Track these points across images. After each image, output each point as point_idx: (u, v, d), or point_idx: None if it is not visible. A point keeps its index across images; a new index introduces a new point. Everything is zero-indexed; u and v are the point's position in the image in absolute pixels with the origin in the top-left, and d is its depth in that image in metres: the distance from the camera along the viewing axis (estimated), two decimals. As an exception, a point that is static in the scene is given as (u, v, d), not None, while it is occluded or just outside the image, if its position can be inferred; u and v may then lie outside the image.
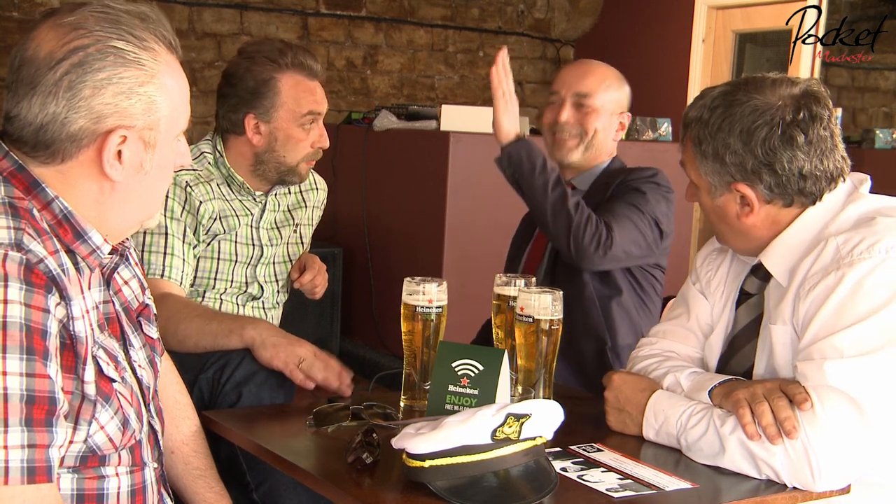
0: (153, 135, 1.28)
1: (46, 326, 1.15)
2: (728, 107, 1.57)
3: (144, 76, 1.25)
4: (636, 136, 4.84)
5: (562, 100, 2.39)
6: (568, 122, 2.37)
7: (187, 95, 1.34)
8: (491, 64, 2.23)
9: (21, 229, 1.18)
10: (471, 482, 1.30)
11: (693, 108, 1.63)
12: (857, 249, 1.48)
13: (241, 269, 2.26)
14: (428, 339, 1.74)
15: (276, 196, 2.33)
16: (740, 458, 1.46)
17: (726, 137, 1.56)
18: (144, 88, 1.25)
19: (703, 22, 5.66)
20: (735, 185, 1.59)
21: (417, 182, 4.48)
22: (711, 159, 1.59)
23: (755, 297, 1.66)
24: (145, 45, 1.26)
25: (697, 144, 1.60)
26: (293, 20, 5.87)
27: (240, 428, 1.64)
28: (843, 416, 1.42)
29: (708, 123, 1.58)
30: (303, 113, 2.21)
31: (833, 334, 1.46)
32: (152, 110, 1.26)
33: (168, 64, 1.29)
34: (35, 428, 1.12)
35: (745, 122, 1.55)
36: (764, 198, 1.58)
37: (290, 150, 2.23)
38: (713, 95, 1.61)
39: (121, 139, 1.25)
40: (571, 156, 2.39)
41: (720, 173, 1.59)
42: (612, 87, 2.40)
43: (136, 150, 1.27)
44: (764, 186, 1.57)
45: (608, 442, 1.59)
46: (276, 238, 2.33)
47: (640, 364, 1.74)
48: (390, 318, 2.54)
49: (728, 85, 1.61)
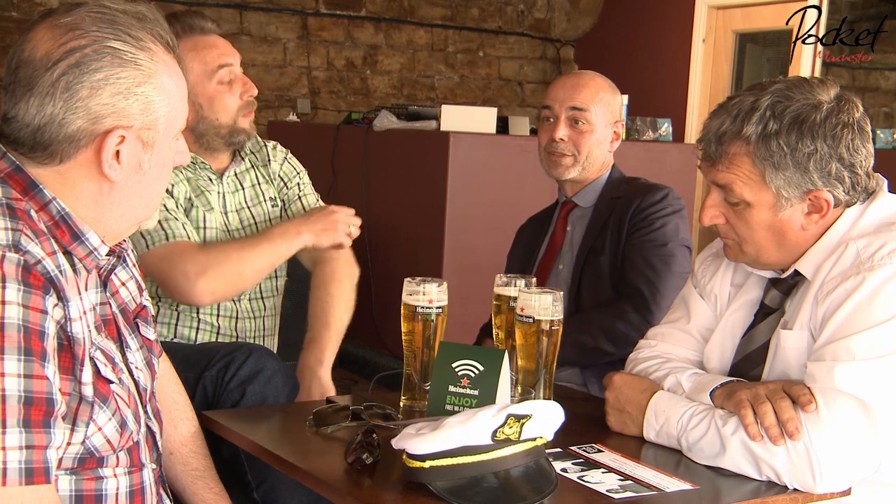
0: (151, 135, 1.27)
1: (44, 328, 1.14)
2: (797, 112, 1.51)
3: (142, 76, 1.25)
4: (636, 136, 4.84)
5: (556, 115, 2.36)
6: (563, 141, 2.35)
7: (185, 94, 1.33)
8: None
9: (19, 230, 1.17)
10: (471, 483, 1.30)
11: (744, 123, 1.53)
12: (879, 255, 1.47)
13: None
14: (428, 340, 1.74)
15: (234, 175, 2.27)
16: (741, 459, 1.46)
17: (810, 144, 1.51)
18: (142, 88, 1.25)
19: (703, 22, 5.66)
20: (813, 192, 1.53)
21: (417, 182, 4.48)
22: (792, 169, 1.52)
23: (777, 312, 1.62)
24: (142, 44, 1.25)
25: (767, 158, 1.52)
26: (293, 20, 5.87)
27: (240, 428, 1.64)
28: (847, 419, 1.41)
29: (780, 134, 1.51)
30: (213, 69, 2.16)
31: (847, 337, 1.45)
32: (150, 110, 1.26)
33: (166, 63, 1.29)
34: (33, 429, 1.12)
35: (827, 127, 1.51)
36: (841, 201, 1.54)
37: (220, 109, 2.19)
38: (765, 107, 1.52)
39: (119, 139, 1.24)
40: (568, 174, 2.38)
41: (799, 183, 1.53)
42: (605, 99, 2.37)
43: (135, 151, 1.27)
44: (843, 189, 1.54)
45: (608, 443, 1.59)
46: (247, 219, 2.28)
47: (640, 366, 1.73)
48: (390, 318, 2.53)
49: (769, 93, 1.54)
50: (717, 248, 1.80)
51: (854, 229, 1.55)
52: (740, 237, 1.60)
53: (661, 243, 2.28)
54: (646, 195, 2.33)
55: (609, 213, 2.35)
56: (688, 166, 4.77)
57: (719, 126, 1.57)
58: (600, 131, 2.36)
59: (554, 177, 2.42)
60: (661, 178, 2.56)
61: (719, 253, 1.77)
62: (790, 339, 1.56)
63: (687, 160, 4.77)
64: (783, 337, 1.57)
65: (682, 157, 4.78)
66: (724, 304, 1.73)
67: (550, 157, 2.38)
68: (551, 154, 2.37)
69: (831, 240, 1.56)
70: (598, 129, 2.36)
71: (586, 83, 2.38)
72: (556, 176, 2.41)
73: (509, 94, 6.51)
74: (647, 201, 2.32)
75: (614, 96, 2.40)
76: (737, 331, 1.68)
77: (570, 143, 2.35)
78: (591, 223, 2.38)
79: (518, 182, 4.16)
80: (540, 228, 2.53)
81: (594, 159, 2.37)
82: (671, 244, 2.29)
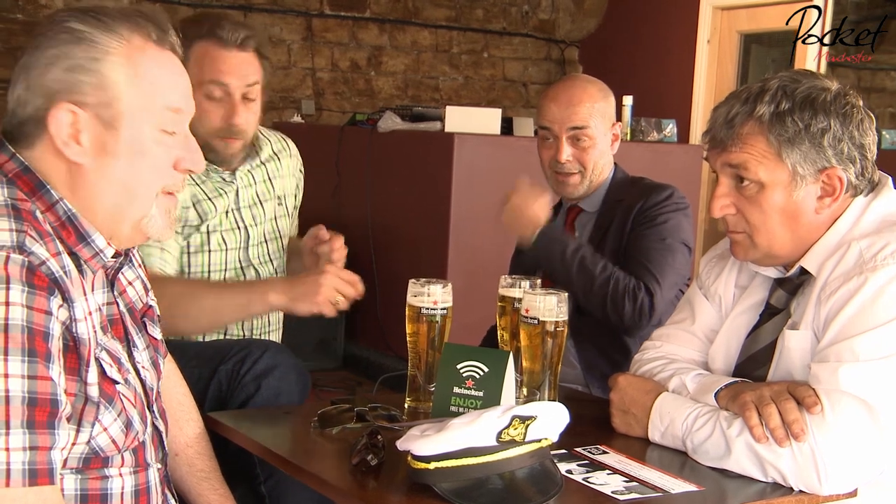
0: (111, 114, 1.25)
1: (49, 329, 1.14)
2: (808, 92, 1.52)
3: (97, 52, 1.24)
4: (641, 137, 4.83)
5: (556, 136, 2.34)
6: (568, 161, 2.34)
7: (180, 89, 1.31)
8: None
9: (23, 231, 1.18)
10: (476, 484, 1.30)
11: (756, 104, 1.53)
12: (881, 255, 1.47)
13: (234, 255, 2.23)
14: (433, 341, 1.74)
15: (248, 171, 2.26)
16: (746, 461, 1.45)
17: (823, 120, 1.51)
18: (97, 65, 1.24)
19: (707, 22, 5.65)
20: (828, 170, 1.53)
21: (422, 183, 4.47)
22: (808, 144, 1.51)
23: (783, 312, 1.62)
24: (109, 28, 1.25)
25: (782, 134, 1.52)
26: (297, 21, 5.88)
27: (245, 429, 1.64)
28: (852, 421, 1.41)
29: (794, 111, 1.51)
30: (204, 80, 2.10)
31: (851, 338, 1.45)
32: (106, 87, 1.24)
33: (141, 50, 1.27)
34: (37, 430, 1.12)
35: (837, 105, 1.52)
36: (851, 184, 1.54)
37: (198, 123, 2.13)
38: (775, 88, 1.53)
39: (71, 115, 1.24)
40: (577, 191, 2.38)
41: (815, 160, 1.52)
42: (601, 108, 2.35)
43: (96, 131, 1.25)
44: (854, 172, 1.54)
45: (613, 444, 1.59)
46: (259, 215, 2.28)
47: (644, 367, 1.73)
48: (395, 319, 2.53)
49: (776, 79, 1.55)
50: (721, 249, 1.79)
51: (858, 226, 1.55)
52: (752, 227, 1.58)
53: (660, 238, 2.27)
54: (650, 195, 2.33)
55: (613, 216, 2.35)
56: (693, 167, 4.76)
57: (728, 111, 1.56)
58: (601, 141, 2.36)
59: (564, 196, 2.42)
60: (665, 179, 2.55)
61: (724, 254, 1.77)
62: (795, 339, 1.55)
63: (692, 161, 4.76)
64: (788, 337, 1.56)
65: (687, 158, 4.77)
66: (729, 306, 1.72)
67: (557, 177, 2.37)
68: (558, 174, 2.37)
69: (836, 235, 1.56)
70: (599, 140, 2.35)
71: (580, 98, 2.33)
72: (566, 195, 2.41)
73: (514, 95, 6.51)
74: (652, 201, 2.32)
75: (608, 100, 2.39)
76: (741, 332, 1.67)
77: (575, 162, 2.35)
78: (596, 227, 2.38)
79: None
80: None
81: (599, 169, 2.38)
82: (669, 240, 2.27)
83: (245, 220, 2.25)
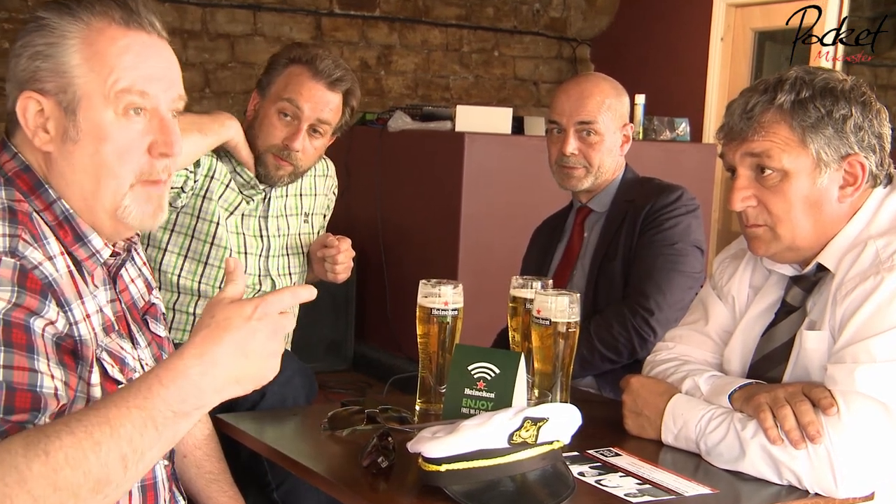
0: (69, 99, 1.23)
1: (29, 323, 1.12)
2: (826, 82, 1.53)
3: (53, 37, 1.23)
4: (654, 136, 4.81)
5: (564, 129, 2.34)
6: (574, 154, 2.33)
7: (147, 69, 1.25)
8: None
9: (17, 236, 1.17)
10: (487, 486, 1.29)
11: (776, 93, 1.53)
12: None
13: (253, 260, 2.24)
14: (443, 342, 1.73)
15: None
16: (761, 463, 1.44)
17: (844, 106, 1.52)
18: (53, 49, 1.23)
19: (721, 20, 5.62)
20: (850, 157, 1.53)
21: (432, 183, 4.47)
22: (831, 129, 1.51)
23: (799, 310, 1.60)
24: (73, 13, 1.24)
25: (805, 120, 1.52)
26: (307, 20, 5.87)
27: (255, 432, 1.64)
28: (869, 423, 1.39)
29: (815, 98, 1.52)
30: (282, 97, 2.15)
31: (867, 339, 1.43)
32: (62, 72, 1.23)
33: (102, 32, 1.24)
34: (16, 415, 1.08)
35: (856, 94, 1.53)
36: (872, 173, 1.54)
37: (262, 133, 2.18)
38: (794, 78, 1.54)
39: (35, 104, 1.23)
40: (581, 185, 2.36)
41: (838, 146, 1.52)
42: (611, 105, 2.34)
43: (59, 117, 1.23)
44: (874, 162, 1.54)
45: (626, 446, 1.58)
46: (284, 228, 2.30)
47: (657, 368, 1.72)
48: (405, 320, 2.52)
49: (792, 71, 1.55)
50: (734, 249, 1.78)
51: (875, 221, 1.54)
52: (775, 217, 1.56)
53: (670, 243, 2.26)
54: (658, 197, 2.32)
55: (623, 217, 2.34)
56: (706, 166, 4.73)
57: (746, 102, 1.56)
58: (610, 139, 2.34)
59: (567, 189, 2.41)
60: (678, 179, 2.53)
61: (737, 254, 1.75)
62: (813, 340, 1.54)
63: (705, 160, 4.73)
64: (807, 338, 1.55)
65: (700, 157, 4.75)
66: (743, 306, 1.71)
67: (562, 169, 2.36)
68: (563, 167, 2.36)
69: (854, 229, 1.55)
70: (608, 138, 2.34)
71: (591, 92, 2.33)
72: (569, 188, 2.40)
73: (525, 94, 6.49)
74: (660, 203, 2.30)
75: (620, 99, 2.37)
76: (757, 332, 1.66)
77: (580, 156, 2.33)
78: (606, 228, 2.37)
79: (534, 182, 4.14)
80: (555, 232, 2.51)
81: (606, 168, 2.36)
82: (680, 244, 2.26)
83: (269, 229, 2.27)
